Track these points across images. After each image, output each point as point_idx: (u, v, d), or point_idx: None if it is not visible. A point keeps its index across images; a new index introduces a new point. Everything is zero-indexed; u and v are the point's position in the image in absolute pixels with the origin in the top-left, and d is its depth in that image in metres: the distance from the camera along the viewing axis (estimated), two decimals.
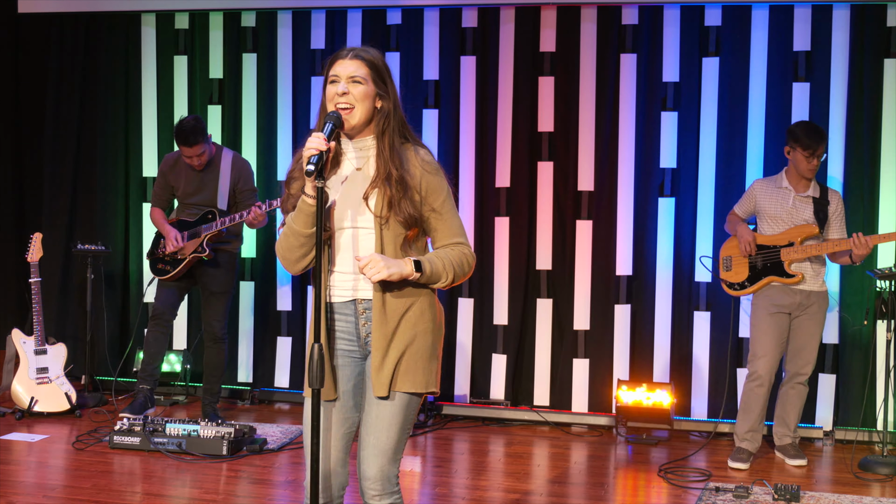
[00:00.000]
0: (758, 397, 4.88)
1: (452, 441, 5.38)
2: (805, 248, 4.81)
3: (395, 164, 2.66)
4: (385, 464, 2.68)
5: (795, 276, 4.84)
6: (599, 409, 5.73)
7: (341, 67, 2.68)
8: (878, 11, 5.38)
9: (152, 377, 5.60)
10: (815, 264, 4.89)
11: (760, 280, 4.92)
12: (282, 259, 2.75)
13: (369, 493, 2.70)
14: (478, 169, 5.90)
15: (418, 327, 2.70)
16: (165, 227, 5.49)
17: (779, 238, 4.89)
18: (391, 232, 2.67)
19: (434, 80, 5.95)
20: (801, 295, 4.87)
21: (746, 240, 4.93)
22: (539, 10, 5.78)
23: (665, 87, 5.66)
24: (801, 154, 4.81)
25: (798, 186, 4.89)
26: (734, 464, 4.87)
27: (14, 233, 6.69)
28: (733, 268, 5.03)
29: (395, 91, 2.76)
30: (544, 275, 5.85)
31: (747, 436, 4.91)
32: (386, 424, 2.68)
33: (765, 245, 4.92)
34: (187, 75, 6.35)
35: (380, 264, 2.57)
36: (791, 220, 4.88)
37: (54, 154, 6.50)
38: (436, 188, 2.73)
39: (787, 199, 4.89)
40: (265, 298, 6.24)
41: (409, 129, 2.78)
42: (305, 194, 2.62)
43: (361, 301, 2.71)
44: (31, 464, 4.74)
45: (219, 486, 4.41)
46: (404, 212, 2.65)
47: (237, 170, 5.50)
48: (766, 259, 4.90)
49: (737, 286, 5.01)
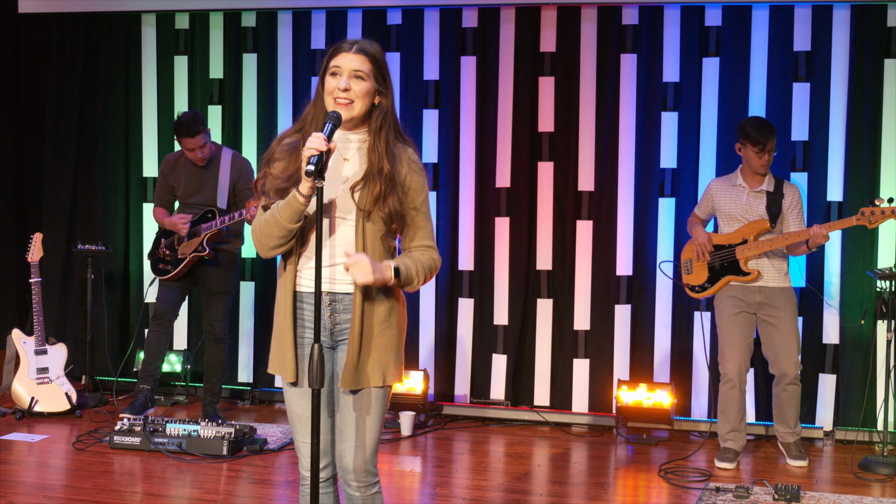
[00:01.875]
0: (732, 399, 4.87)
1: (453, 441, 5.38)
2: (759, 244, 4.80)
3: (388, 160, 2.67)
4: (366, 455, 2.73)
5: (751, 274, 4.83)
6: (600, 409, 5.73)
7: (344, 60, 2.67)
8: (878, 11, 5.37)
9: (153, 377, 5.60)
10: (774, 260, 4.86)
11: (719, 280, 4.92)
12: (256, 242, 2.74)
13: (352, 486, 2.74)
14: (478, 169, 5.90)
15: (391, 320, 2.74)
16: (168, 219, 5.50)
17: (733, 236, 4.89)
18: (372, 226, 2.69)
19: (434, 80, 5.95)
20: (761, 293, 4.86)
21: (700, 242, 4.96)
22: (539, 10, 5.78)
23: (665, 88, 5.66)
24: (751, 150, 4.81)
25: (752, 182, 4.89)
26: (721, 464, 4.88)
27: (14, 233, 6.69)
28: (693, 270, 5.04)
29: (393, 88, 2.77)
30: (544, 275, 5.85)
31: (730, 436, 4.92)
32: (363, 417, 2.72)
33: (721, 244, 4.93)
34: (187, 75, 6.35)
35: (367, 269, 2.58)
36: (745, 216, 4.87)
37: (54, 154, 6.50)
38: (419, 188, 2.75)
39: (740, 196, 4.89)
40: (265, 298, 6.24)
41: (400, 128, 2.79)
42: (299, 192, 2.61)
43: (329, 293, 2.72)
44: (32, 464, 4.74)
45: (219, 487, 4.41)
46: (389, 206, 2.67)
47: (237, 168, 5.50)
48: (722, 259, 4.91)
49: (698, 288, 5.03)
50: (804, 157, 5.49)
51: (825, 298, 5.42)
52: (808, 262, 5.42)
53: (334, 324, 2.74)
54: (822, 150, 5.46)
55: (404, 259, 2.72)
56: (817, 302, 5.45)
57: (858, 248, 5.38)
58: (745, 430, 4.96)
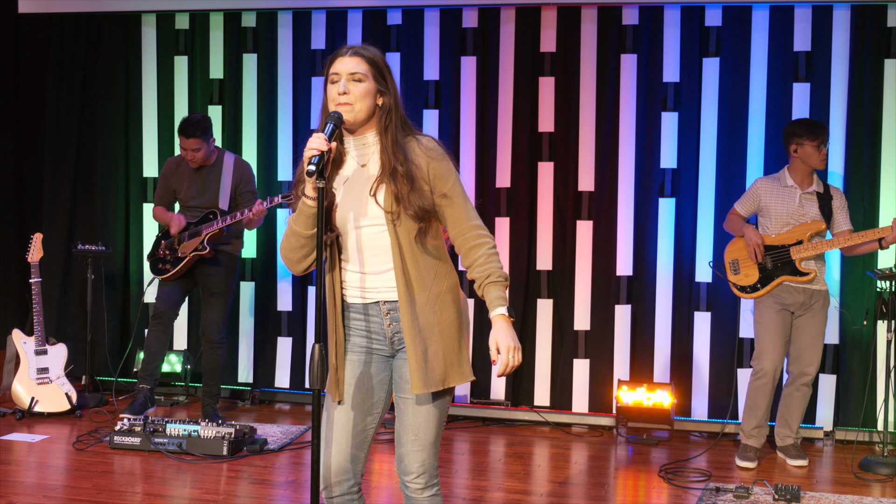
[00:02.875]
0: (764, 394, 4.88)
1: (453, 441, 5.38)
2: (816, 245, 4.81)
3: (398, 159, 2.66)
4: (427, 458, 2.72)
5: (809, 274, 4.83)
6: (600, 409, 5.73)
7: (341, 65, 2.68)
8: (878, 12, 5.38)
9: (152, 377, 5.60)
10: (819, 263, 4.90)
11: (773, 280, 4.89)
12: (284, 259, 2.76)
13: (412, 488, 2.73)
14: (478, 169, 5.90)
15: (442, 318, 2.69)
16: (167, 214, 5.51)
17: (786, 237, 4.89)
18: (403, 227, 2.66)
19: (434, 80, 5.95)
20: (805, 293, 4.88)
21: (755, 242, 4.90)
22: (539, 11, 5.78)
23: (665, 88, 5.66)
24: (810, 147, 4.82)
25: (803, 184, 4.90)
26: (742, 462, 4.87)
27: (14, 233, 6.69)
28: (741, 270, 5.00)
29: (396, 87, 2.76)
30: (545, 275, 5.85)
31: (753, 432, 4.91)
32: (424, 419, 2.71)
33: (773, 245, 4.91)
34: (188, 75, 6.35)
35: (517, 354, 2.64)
36: (798, 217, 4.87)
37: (54, 154, 6.50)
38: (443, 173, 2.71)
39: (793, 198, 4.89)
40: (265, 298, 6.24)
41: (409, 124, 2.78)
42: (305, 196, 2.61)
43: (385, 303, 2.71)
44: (32, 464, 4.74)
45: (219, 487, 4.41)
46: (414, 205, 2.64)
47: (239, 172, 5.50)
48: (776, 259, 4.89)
49: (748, 289, 4.97)
50: None
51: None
52: None
53: (394, 332, 2.73)
54: None
55: (491, 284, 2.68)
56: None
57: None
58: (767, 428, 4.96)
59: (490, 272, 2.69)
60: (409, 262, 2.67)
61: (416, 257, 2.67)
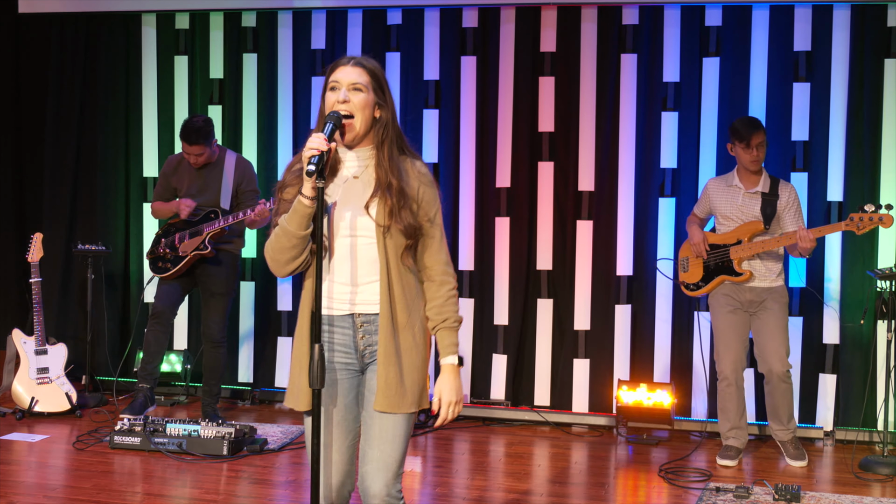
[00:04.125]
0: (730, 396, 4.92)
1: (453, 441, 5.38)
2: (752, 245, 4.85)
3: (394, 174, 2.67)
4: (390, 479, 2.68)
5: (744, 275, 4.87)
6: (600, 409, 5.73)
7: (342, 74, 2.68)
8: (878, 11, 5.38)
9: (152, 376, 5.59)
10: (767, 261, 4.90)
11: (713, 279, 4.97)
12: (270, 260, 2.73)
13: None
14: (478, 169, 5.90)
15: (418, 341, 2.73)
16: (169, 204, 5.51)
17: (728, 237, 4.94)
18: (393, 241, 2.68)
19: (434, 80, 5.95)
20: (752, 293, 4.90)
21: (696, 241, 5.01)
22: (539, 10, 5.78)
23: (665, 88, 5.66)
24: (739, 147, 4.88)
25: (747, 183, 4.93)
26: (722, 461, 4.90)
27: (14, 233, 6.69)
28: (689, 269, 5.10)
29: (393, 102, 2.77)
30: (545, 275, 5.85)
31: (731, 433, 4.95)
32: (390, 438, 2.69)
33: (716, 244, 4.97)
34: (188, 75, 6.35)
35: (457, 409, 2.75)
36: (741, 217, 4.92)
37: (54, 154, 6.50)
38: (431, 200, 2.75)
39: (736, 197, 4.94)
40: (265, 298, 6.24)
41: (405, 141, 2.79)
42: (303, 195, 2.61)
43: (360, 315, 2.72)
44: (32, 464, 4.74)
45: (219, 487, 4.41)
46: (405, 221, 2.66)
47: (241, 171, 5.50)
48: (717, 258, 4.96)
49: (692, 287, 5.08)
50: (804, 157, 5.49)
51: (823, 299, 5.42)
52: (808, 263, 5.43)
53: (366, 345, 2.73)
54: (822, 151, 5.46)
55: (443, 336, 2.75)
56: (817, 302, 5.45)
57: (858, 248, 5.38)
58: (746, 427, 4.98)
59: (448, 316, 2.75)
60: (394, 277, 2.68)
61: (401, 274, 2.70)
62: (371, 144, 2.73)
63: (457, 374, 2.75)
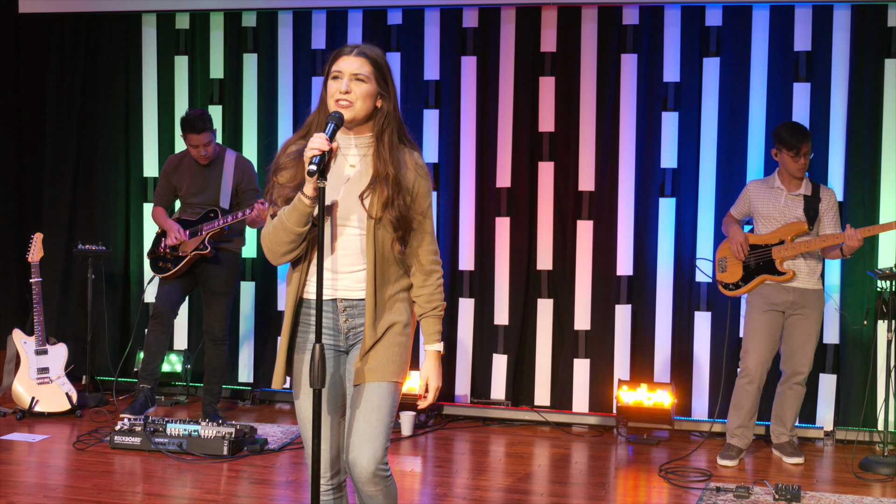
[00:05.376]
0: (748, 394, 4.91)
1: (453, 441, 5.38)
2: (795, 245, 4.85)
3: (393, 164, 2.68)
4: (377, 448, 2.71)
5: (787, 274, 4.87)
6: (600, 409, 5.73)
7: (345, 63, 2.69)
8: (878, 12, 5.38)
9: (153, 376, 5.59)
10: (809, 262, 4.91)
11: (754, 279, 4.96)
12: (267, 250, 2.76)
13: (362, 479, 2.70)
14: (478, 169, 5.90)
15: (401, 325, 2.78)
16: (167, 223, 5.50)
17: (770, 237, 4.93)
18: (383, 232, 2.71)
19: (434, 80, 5.95)
20: (794, 293, 4.90)
21: (738, 241, 4.99)
22: (540, 10, 5.78)
23: (665, 88, 5.66)
24: (787, 155, 4.86)
25: (790, 186, 4.93)
26: (723, 461, 4.90)
27: (14, 233, 6.69)
28: (728, 268, 5.07)
29: (396, 93, 2.77)
30: (545, 275, 5.85)
31: (737, 431, 4.95)
32: (376, 407, 2.72)
33: (757, 244, 4.96)
34: (188, 75, 6.35)
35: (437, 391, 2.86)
36: (783, 218, 4.92)
37: (55, 154, 6.50)
38: (425, 193, 2.79)
39: (778, 199, 4.93)
40: (265, 298, 6.24)
41: (405, 131, 2.80)
42: (303, 194, 2.61)
43: (343, 300, 2.75)
44: (32, 464, 4.74)
45: (219, 487, 4.41)
46: (398, 211, 2.69)
47: (241, 169, 5.50)
48: (758, 258, 4.95)
49: (731, 286, 5.06)
50: None
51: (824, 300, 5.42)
52: None
53: (350, 328, 2.78)
54: (822, 151, 5.46)
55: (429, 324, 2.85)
56: None
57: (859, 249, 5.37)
58: (753, 427, 4.98)
59: (436, 304, 2.84)
60: (381, 266, 2.73)
61: (388, 263, 2.75)
62: (370, 132, 2.74)
63: (439, 360, 2.85)
